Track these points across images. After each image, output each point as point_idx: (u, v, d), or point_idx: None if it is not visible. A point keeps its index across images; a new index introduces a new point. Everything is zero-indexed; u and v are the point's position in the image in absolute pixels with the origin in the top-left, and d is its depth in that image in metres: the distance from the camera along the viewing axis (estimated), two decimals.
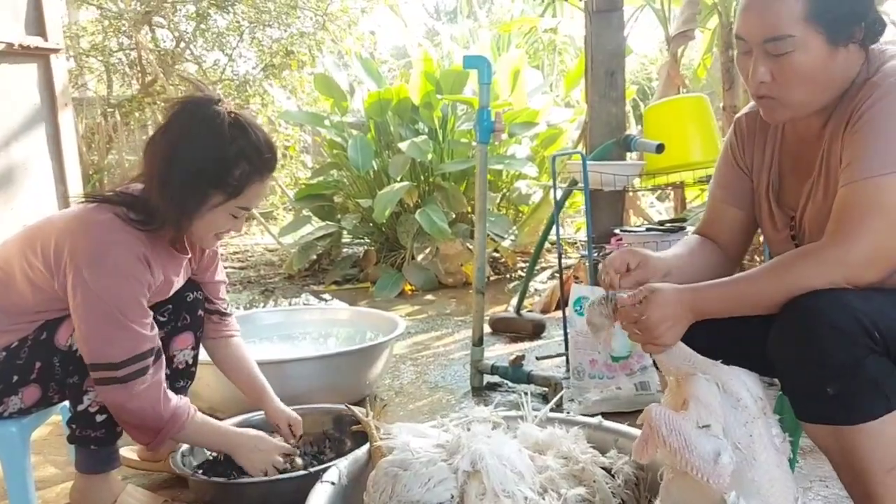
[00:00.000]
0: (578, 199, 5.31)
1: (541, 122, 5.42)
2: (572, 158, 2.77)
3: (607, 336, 1.42)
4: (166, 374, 1.73)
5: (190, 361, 1.98)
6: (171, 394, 1.70)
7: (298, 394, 2.33)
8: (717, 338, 1.35)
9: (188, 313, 1.92)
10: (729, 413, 1.24)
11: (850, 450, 1.18)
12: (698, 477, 1.18)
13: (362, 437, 1.76)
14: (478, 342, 2.68)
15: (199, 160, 1.62)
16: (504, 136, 2.56)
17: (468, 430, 1.60)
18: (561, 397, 2.51)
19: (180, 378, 1.96)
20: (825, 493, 1.82)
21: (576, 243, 5.47)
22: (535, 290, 4.51)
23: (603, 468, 1.59)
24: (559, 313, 3.97)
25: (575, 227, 5.68)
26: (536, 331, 3.49)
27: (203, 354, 2.02)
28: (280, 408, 2.00)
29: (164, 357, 1.70)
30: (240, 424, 2.01)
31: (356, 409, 1.78)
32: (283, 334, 3.07)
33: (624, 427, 1.76)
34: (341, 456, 1.77)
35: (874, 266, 1.20)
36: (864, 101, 1.27)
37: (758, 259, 3.15)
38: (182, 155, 1.62)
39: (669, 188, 3.31)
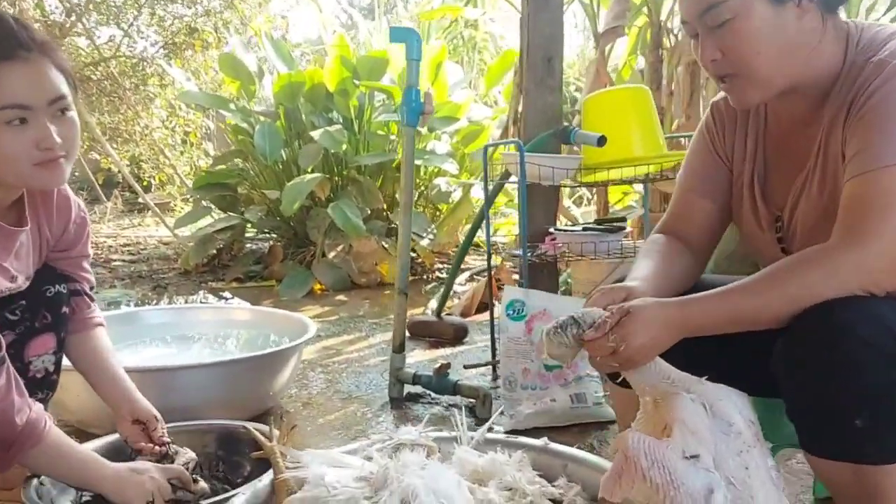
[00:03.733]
0: (501, 198, 5.12)
1: (462, 117, 5.20)
2: (508, 149, 2.53)
3: (572, 363, 1.19)
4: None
5: (51, 369, 1.59)
6: (29, 400, 1.34)
7: (188, 407, 1.99)
8: (696, 350, 1.13)
9: (49, 311, 1.55)
10: (720, 441, 1.02)
11: (877, 495, 0.97)
12: None
13: (265, 463, 1.45)
14: (398, 348, 2.40)
15: None
16: (431, 119, 2.29)
17: (395, 457, 1.32)
18: (490, 411, 2.26)
19: (39, 389, 1.58)
20: None
21: (496, 245, 5.28)
22: (454, 292, 4.26)
23: (552, 500, 1.35)
24: (481, 317, 3.76)
25: (494, 227, 5.47)
26: (458, 335, 3.24)
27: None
28: (146, 406, 1.63)
29: (7, 363, 1.32)
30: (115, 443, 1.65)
31: (256, 431, 1.47)
32: (172, 336, 2.70)
33: (573, 451, 1.53)
34: (235, 486, 1.46)
35: None
36: (870, 81, 1.08)
37: None
38: None
39: (596, 187, 3.14)
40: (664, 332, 1.07)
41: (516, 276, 3.88)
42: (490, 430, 1.57)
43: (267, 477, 1.38)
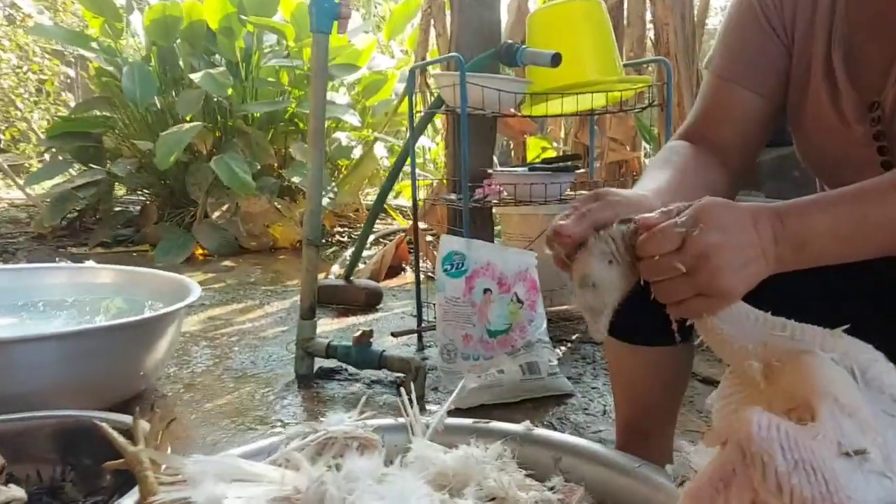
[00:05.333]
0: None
1: (363, 66, 4.69)
2: (444, 68, 2.09)
3: (609, 310, 0.75)
4: None
5: None
6: None
7: (28, 394, 1.48)
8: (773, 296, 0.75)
9: None
10: (885, 425, 0.64)
11: None
12: None
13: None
14: (307, 313, 1.93)
15: None
16: (348, 25, 1.82)
17: (335, 466, 0.88)
18: (423, 387, 1.85)
19: None
20: None
21: (404, 211, 4.83)
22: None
23: None
24: (392, 282, 3.32)
25: (398, 188, 5.01)
26: (371, 301, 2.79)
27: None
28: None
29: None
30: None
31: (111, 428, 0.97)
32: (10, 304, 2.11)
33: (565, 437, 1.14)
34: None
35: None
36: None
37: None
38: None
39: (545, 118, 2.77)
40: (757, 241, 0.69)
41: (431, 240, 3.46)
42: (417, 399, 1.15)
43: (130, 499, 0.90)
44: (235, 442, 1.58)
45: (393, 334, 2.16)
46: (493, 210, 2.47)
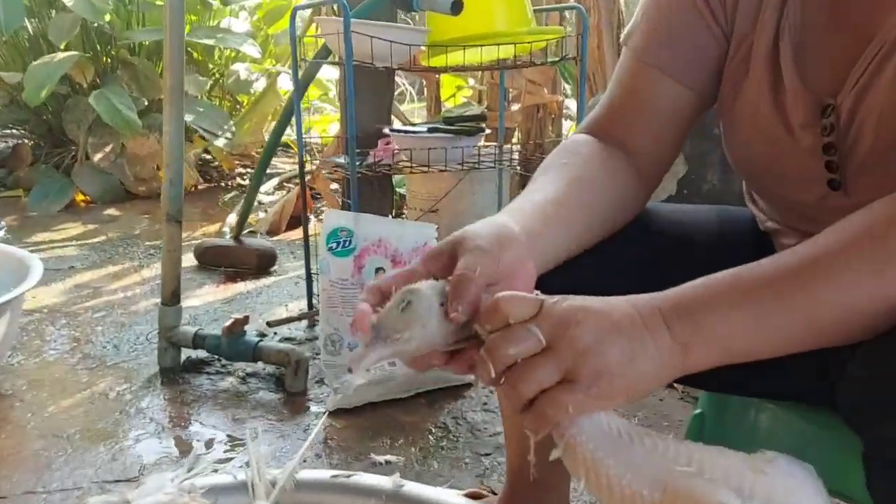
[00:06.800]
0: (314, 90, 4.34)
1: None
2: (325, 13, 1.81)
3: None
4: None
5: None
6: None
7: None
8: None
9: None
10: None
11: None
12: None
13: None
14: (170, 298, 1.69)
15: None
16: None
17: None
18: (306, 382, 1.65)
19: None
20: None
21: (309, 147, 4.52)
22: (259, 202, 3.52)
23: None
24: (294, 234, 3.07)
25: (307, 124, 4.67)
26: (264, 264, 2.55)
27: None
28: None
29: None
30: None
31: None
32: None
33: (438, 494, 0.97)
34: None
35: None
36: None
37: None
38: None
39: (444, 73, 2.54)
40: (663, 336, 0.53)
41: (336, 187, 3.20)
42: (302, 462, 0.98)
43: None
44: (74, 465, 1.35)
45: (269, 324, 1.93)
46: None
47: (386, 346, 0.57)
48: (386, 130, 1.93)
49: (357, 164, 1.77)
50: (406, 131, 1.94)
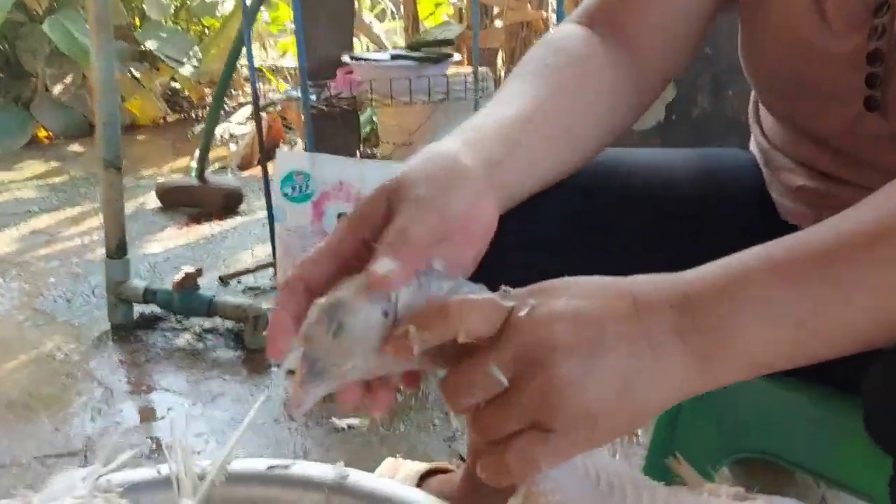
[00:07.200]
0: (285, 12, 4.09)
1: None
2: None
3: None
4: None
5: None
6: None
7: None
8: None
9: None
10: None
11: None
12: None
13: None
14: (115, 251, 1.57)
15: None
16: None
17: None
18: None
19: None
20: None
21: (282, 70, 4.30)
22: (231, 135, 3.35)
23: None
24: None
25: (280, 48, 4.44)
26: (230, 203, 2.41)
27: None
28: None
29: None
30: None
31: None
32: None
33: (384, 487, 0.87)
34: None
35: None
36: None
37: None
38: None
39: None
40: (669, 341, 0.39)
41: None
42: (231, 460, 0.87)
43: None
44: (13, 437, 1.26)
45: (222, 278, 1.80)
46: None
47: (325, 383, 0.43)
48: (346, 59, 1.77)
49: (313, 97, 1.62)
50: (367, 59, 1.78)
